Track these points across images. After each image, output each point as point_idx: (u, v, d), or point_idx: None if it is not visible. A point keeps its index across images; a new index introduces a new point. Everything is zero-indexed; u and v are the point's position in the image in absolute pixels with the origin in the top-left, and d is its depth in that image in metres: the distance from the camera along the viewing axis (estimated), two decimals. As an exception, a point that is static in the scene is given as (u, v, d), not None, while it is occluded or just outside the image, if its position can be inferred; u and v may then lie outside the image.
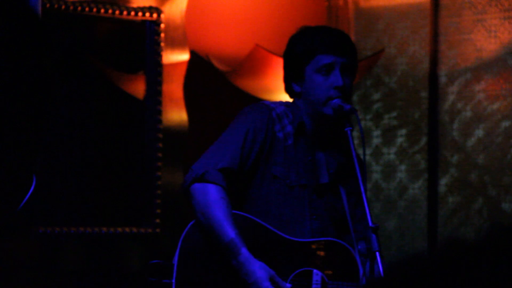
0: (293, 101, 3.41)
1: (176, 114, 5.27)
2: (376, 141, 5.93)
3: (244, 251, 3.13)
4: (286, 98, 3.48)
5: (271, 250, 3.21)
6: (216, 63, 5.32)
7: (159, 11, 5.20)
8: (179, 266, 3.20)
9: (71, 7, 4.95)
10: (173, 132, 5.25)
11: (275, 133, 3.33)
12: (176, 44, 5.26)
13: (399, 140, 5.87)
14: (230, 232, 3.14)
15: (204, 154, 3.29)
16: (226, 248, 3.15)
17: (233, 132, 3.31)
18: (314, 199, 3.33)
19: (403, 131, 5.85)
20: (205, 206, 3.19)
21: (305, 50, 3.32)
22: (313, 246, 3.23)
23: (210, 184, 3.21)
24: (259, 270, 3.11)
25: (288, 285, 3.15)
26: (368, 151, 5.88)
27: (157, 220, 5.18)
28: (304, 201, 3.32)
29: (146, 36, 5.20)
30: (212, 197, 3.19)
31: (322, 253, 3.22)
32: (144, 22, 5.19)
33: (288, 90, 3.41)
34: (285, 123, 3.35)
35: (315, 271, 3.20)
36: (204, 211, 3.19)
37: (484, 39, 5.59)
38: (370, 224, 3.05)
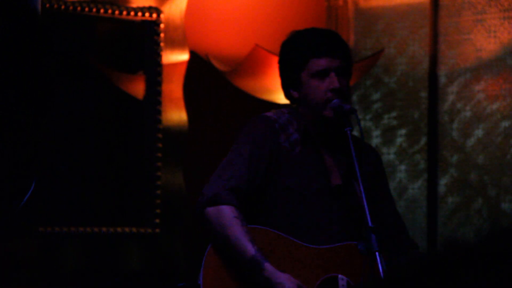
0: (295, 107, 3.40)
1: (176, 114, 5.27)
2: (376, 141, 5.93)
3: (267, 266, 3.10)
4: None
5: (294, 260, 3.18)
6: (216, 63, 5.32)
7: (158, 11, 5.20)
8: (205, 286, 3.17)
9: (71, 7, 4.96)
10: (173, 132, 5.25)
11: (280, 144, 3.30)
12: (175, 44, 5.26)
13: (399, 140, 5.87)
14: (250, 249, 3.12)
15: (211, 177, 3.26)
16: (249, 265, 3.12)
17: (237, 151, 3.29)
18: (330, 203, 3.30)
19: (403, 131, 5.85)
20: (220, 228, 3.16)
21: (298, 56, 3.30)
22: (335, 251, 3.20)
23: (222, 206, 3.18)
24: (287, 282, 3.09)
25: None
26: (367, 151, 5.88)
27: (157, 220, 5.18)
28: (320, 207, 3.28)
29: (146, 36, 5.20)
30: (226, 218, 3.16)
31: (344, 258, 3.20)
32: (143, 22, 5.20)
33: (288, 96, 3.40)
34: (290, 132, 3.33)
35: (340, 276, 3.19)
36: (221, 233, 3.16)
37: (483, 39, 5.59)
38: (370, 224, 3.05)
